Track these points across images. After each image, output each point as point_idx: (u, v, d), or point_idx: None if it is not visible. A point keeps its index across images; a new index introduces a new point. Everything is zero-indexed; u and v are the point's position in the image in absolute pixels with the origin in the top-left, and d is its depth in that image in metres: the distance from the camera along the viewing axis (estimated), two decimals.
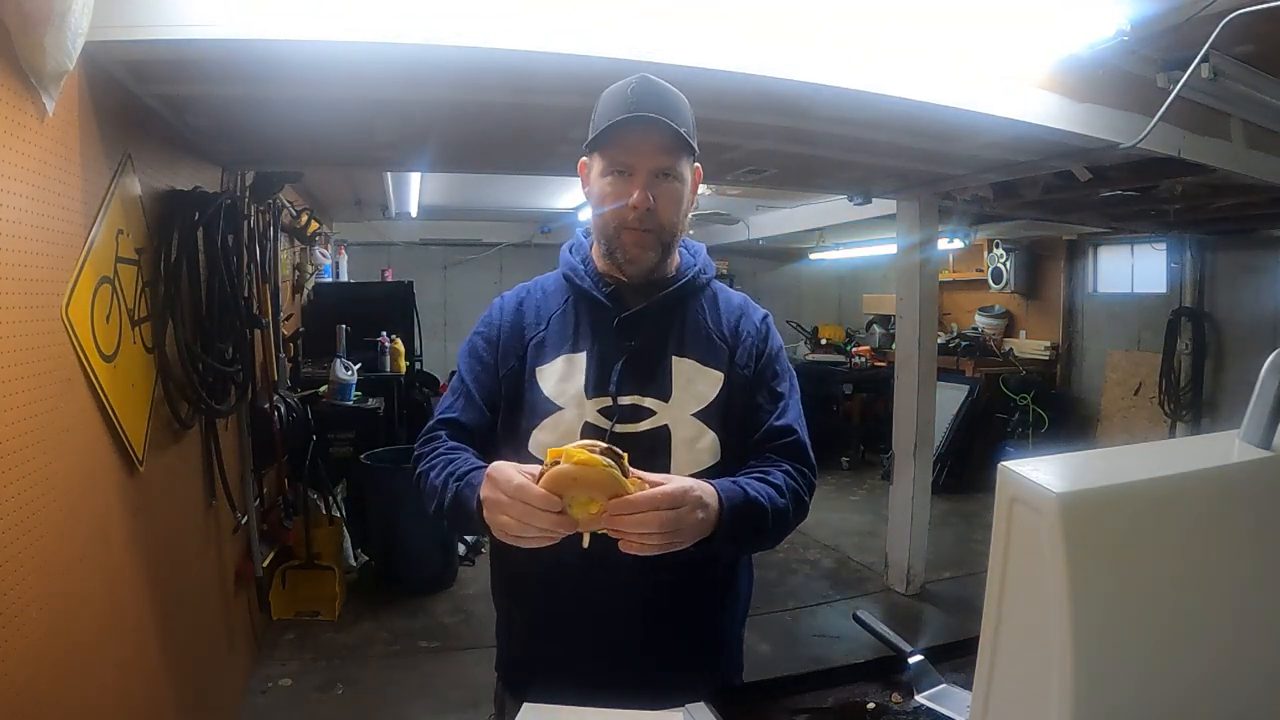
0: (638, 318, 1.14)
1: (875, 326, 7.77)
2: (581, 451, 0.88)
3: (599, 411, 1.11)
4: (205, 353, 2.21)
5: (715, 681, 1.18)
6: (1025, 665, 0.59)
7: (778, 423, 1.16)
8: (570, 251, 1.23)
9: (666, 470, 1.08)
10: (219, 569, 2.69)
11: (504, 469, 0.93)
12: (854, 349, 7.30)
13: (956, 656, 1.18)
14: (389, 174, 4.28)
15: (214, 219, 2.19)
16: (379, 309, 5.08)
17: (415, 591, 3.87)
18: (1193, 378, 5.46)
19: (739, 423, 1.15)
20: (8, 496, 1.22)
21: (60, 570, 1.40)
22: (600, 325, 1.15)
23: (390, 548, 3.94)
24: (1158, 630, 0.59)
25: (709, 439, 1.12)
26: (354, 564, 4.11)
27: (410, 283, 5.41)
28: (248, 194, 3.02)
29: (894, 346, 4.90)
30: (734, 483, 1.05)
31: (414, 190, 4.78)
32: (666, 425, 1.12)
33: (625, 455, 0.91)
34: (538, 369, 1.15)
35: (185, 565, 2.27)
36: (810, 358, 7.45)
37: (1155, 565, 0.58)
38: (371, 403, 4.19)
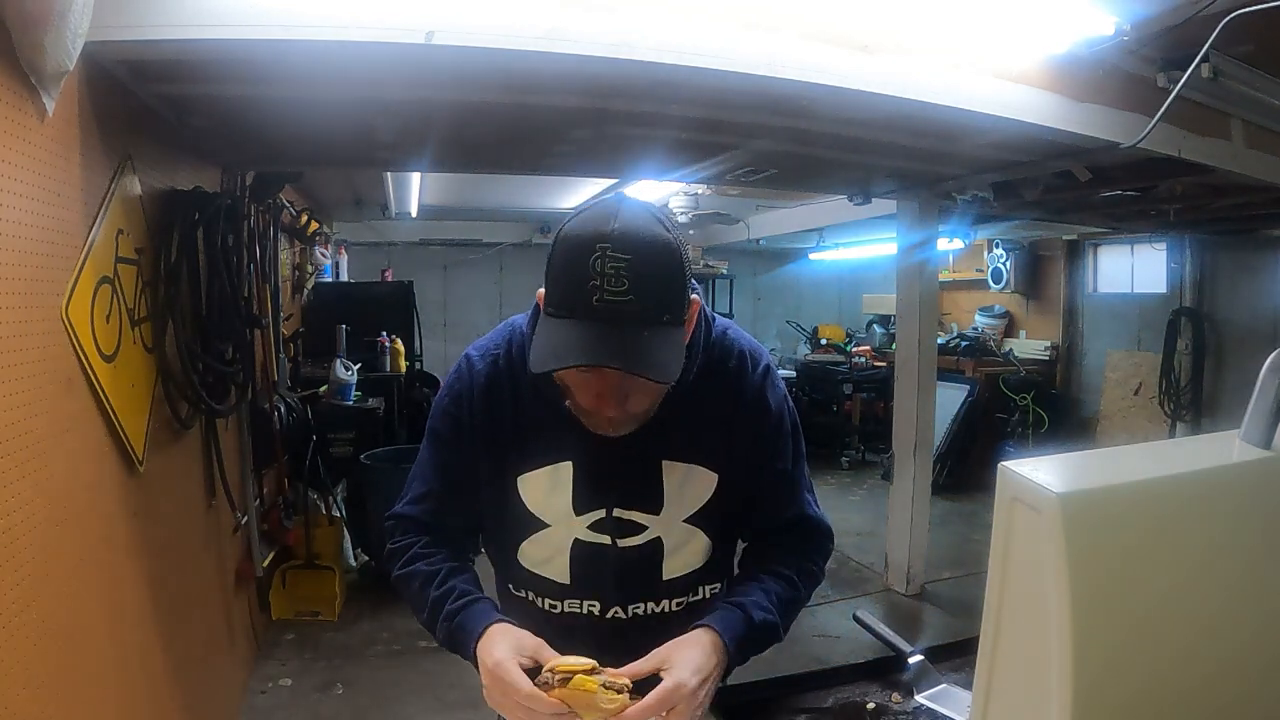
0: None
1: (875, 326, 7.77)
2: (590, 681, 0.89)
3: (589, 528, 1.06)
4: (205, 353, 2.21)
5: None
6: (1025, 665, 0.59)
7: (788, 514, 1.11)
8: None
9: (658, 576, 1.08)
10: (219, 569, 2.69)
11: (507, 667, 0.92)
12: (854, 349, 7.31)
13: (956, 656, 1.18)
14: (389, 174, 4.27)
15: (214, 219, 2.19)
16: (379, 309, 5.08)
17: None
18: (1193, 378, 5.46)
19: (734, 515, 1.11)
20: (7, 496, 1.21)
21: (60, 570, 1.40)
22: (584, 432, 1.00)
23: None
24: (1158, 630, 0.59)
25: (699, 541, 1.09)
26: (354, 564, 4.11)
27: (410, 283, 5.41)
28: (248, 194, 3.02)
29: (894, 346, 4.90)
30: (738, 607, 1.01)
31: (414, 190, 4.78)
32: (658, 537, 1.07)
33: (629, 685, 0.91)
34: (520, 477, 1.06)
35: (185, 565, 2.27)
36: (810, 358, 7.45)
37: (1155, 565, 0.58)
38: (371, 403, 4.19)
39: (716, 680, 0.97)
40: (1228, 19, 1.85)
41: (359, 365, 4.23)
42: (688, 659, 0.94)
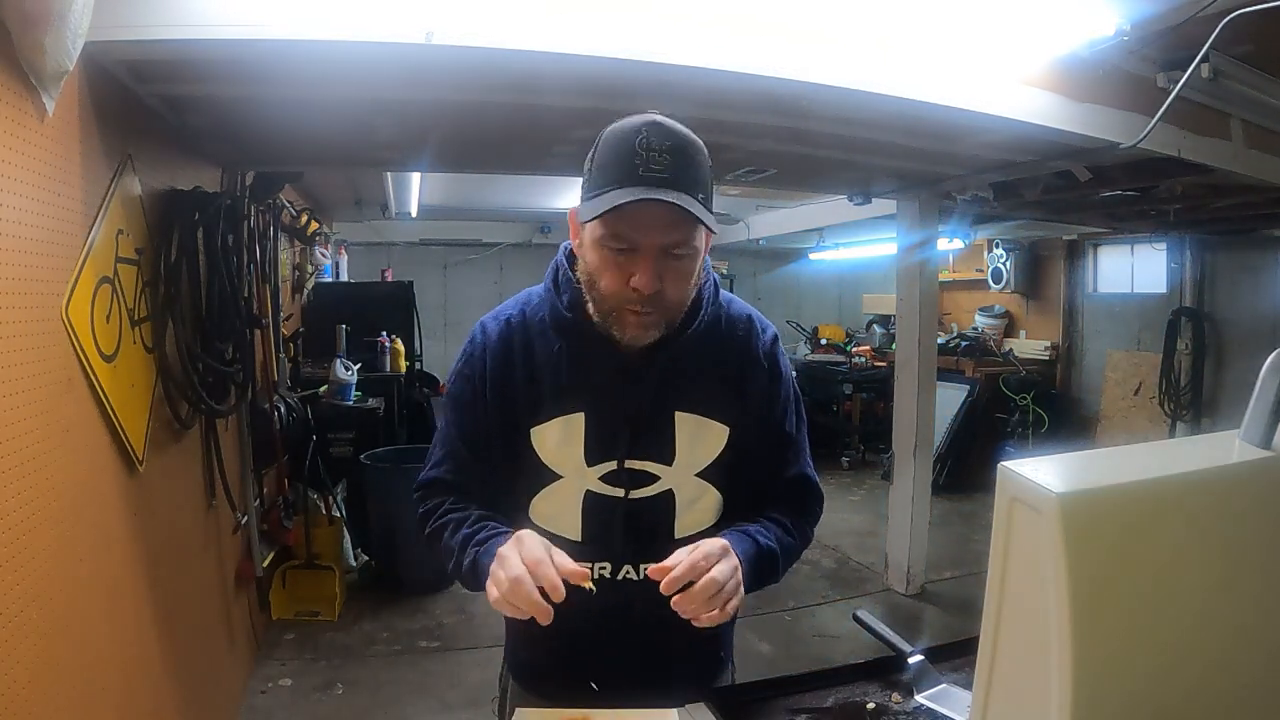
0: (637, 377, 1.05)
1: (875, 326, 7.77)
2: None
3: (600, 479, 1.07)
4: (205, 353, 2.21)
5: (712, 681, 1.19)
6: (1025, 665, 0.59)
7: (789, 473, 1.15)
8: (556, 286, 1.08)
9: (670, 534, 1.09)
10: (219, 569, 2.69)
11: (530, 536, 0.93)
12: (854, 349, 7.30)
13: (956, 656, 1.18)
14: (389, 174, 4.27)
15: (214, 219, 2.19)
16: (379, 309, 5.07)
17: (415, 591, 3.86)
18: (1193, 378, 5.46)
19: (744, 472, 1.12)
20: (8, 496, 1.22)
21: (60, 570, 1.40)
22: (597, 383, 1.06)
23: (390, 548, 3.94)
24: (1157, 630, 0.59)
25: (711, 497, 1.11)
26: (354, 564, 4.11)
27: (410, 283, 5.41)
28: (248, 194, 3.01)
29: (894, 346, 4.90)
30: (744, 533, 1.05)
31: (414, 190, 4.77)
32: (670, 490, 1.08)
33: None
34: (533, 429, 1.08)
35: (185, 565, 2.27)
36: (810, 358, 7.45)
37: (1155, 565, 0.58)
38: (371, 403, 4.18)
39: (739, 575, 0.96)
40: (1228, 19, 1.85)
41: (359, 365, 4.23)
42: (703, 540, 0.97)
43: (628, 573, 1.09)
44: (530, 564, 0.89)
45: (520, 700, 1.18)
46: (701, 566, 0.92)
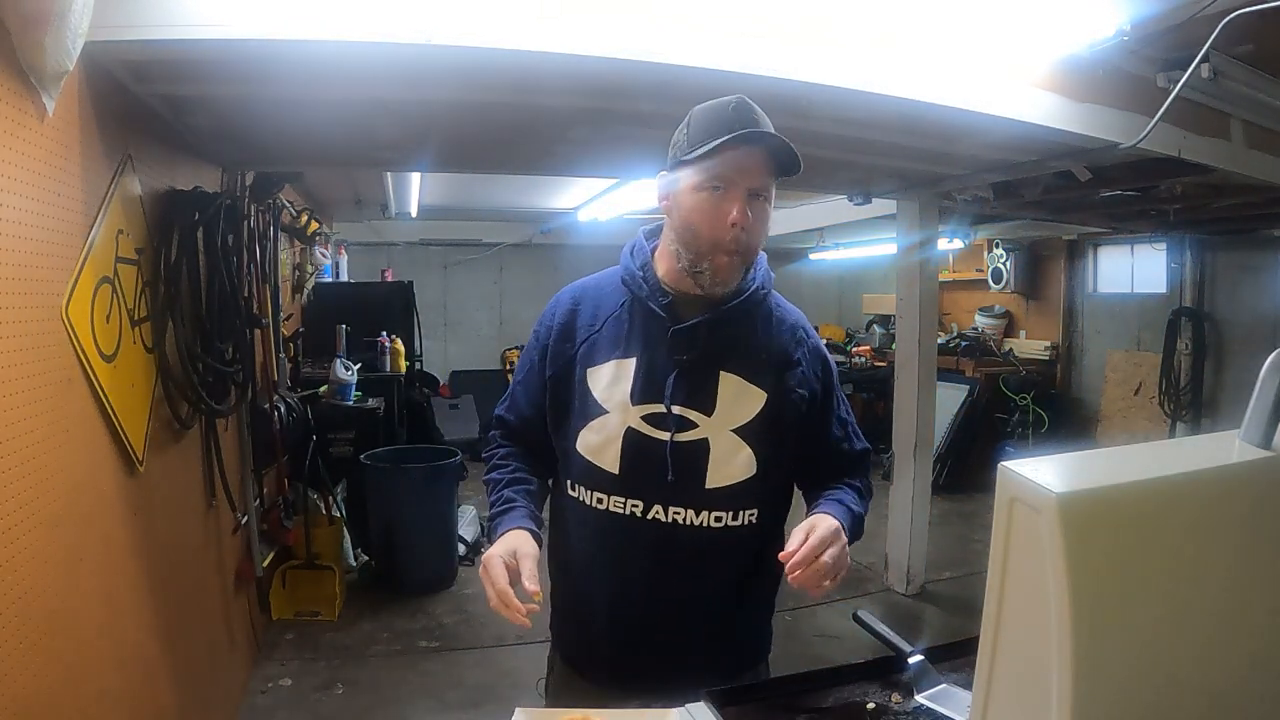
0: (691, 331, 1.17)
1: (875, 326, 7.77)
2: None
3: (642, 418, 1.16)
4: (205, 353, 2.21)
5: (732, 666, 1.25)
6: (1025, 665, 0.59)
7: (857, 448, 1.30)
8: (631, 254, 1.25)
9: (701, 483, 1.16)
10: (219, 569, 2.69)
11: (495, 563, 1.07)
12: (854, 349, 7.30)
13: (956, 656, 1.18)
14: (389, 174, 4.27)
15: (214, 219, 2.19)
16: (379, 309, 5.08)
17: (415, 591, 3.87)
18: (1193, 378, 5.46)
19: (780, 439, 1.20)
20: (7, 496, 1.22)
21: (60, 570, 1.40)
22: (653, 335, 1.18)
23: (390, 548, 3.94)
24: (1158, 630, 0.59)
25: (744, 455, 1.17)
26: (354, 564, 4.11)
27: (410, 283, 5.41)
28: (248, 194, 3.02)
29: (894, 346, 4.90)
30: (840, 504, 1.18)
31: (414, 190, 4.77)
32: (706, 439, 1.16)
33: None
34: (589, 370, 1.20)
35: (185, 565, 2.27)
36: None
37: (1155, 565, 0.58)
38: (371, 403, 4.19)
39: (846, 552, 1.10)
40: (1228, 19, 1.84)
41: (359, 365, 4.23)
42: (818, 518, 1.10)
43: (656, 514, 1.16)
44: (500, 595, 1.05)
45: (563, 676, 1.28)
46: (816, 550, 1.05)
